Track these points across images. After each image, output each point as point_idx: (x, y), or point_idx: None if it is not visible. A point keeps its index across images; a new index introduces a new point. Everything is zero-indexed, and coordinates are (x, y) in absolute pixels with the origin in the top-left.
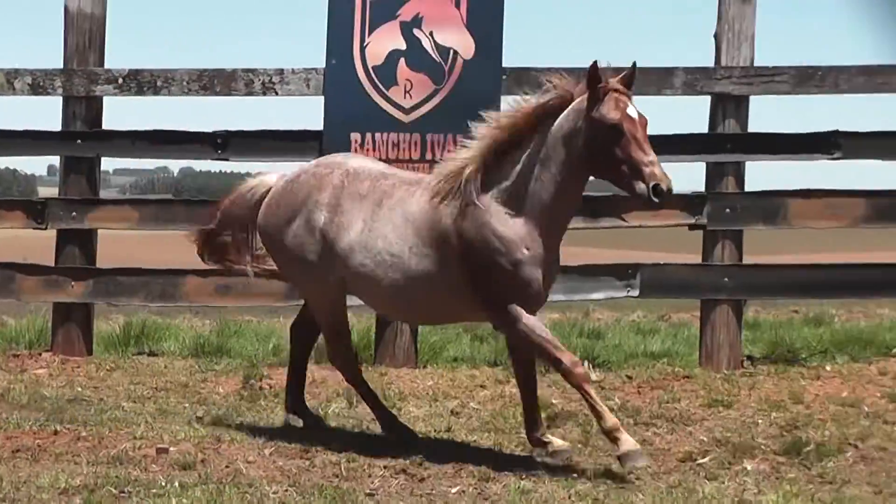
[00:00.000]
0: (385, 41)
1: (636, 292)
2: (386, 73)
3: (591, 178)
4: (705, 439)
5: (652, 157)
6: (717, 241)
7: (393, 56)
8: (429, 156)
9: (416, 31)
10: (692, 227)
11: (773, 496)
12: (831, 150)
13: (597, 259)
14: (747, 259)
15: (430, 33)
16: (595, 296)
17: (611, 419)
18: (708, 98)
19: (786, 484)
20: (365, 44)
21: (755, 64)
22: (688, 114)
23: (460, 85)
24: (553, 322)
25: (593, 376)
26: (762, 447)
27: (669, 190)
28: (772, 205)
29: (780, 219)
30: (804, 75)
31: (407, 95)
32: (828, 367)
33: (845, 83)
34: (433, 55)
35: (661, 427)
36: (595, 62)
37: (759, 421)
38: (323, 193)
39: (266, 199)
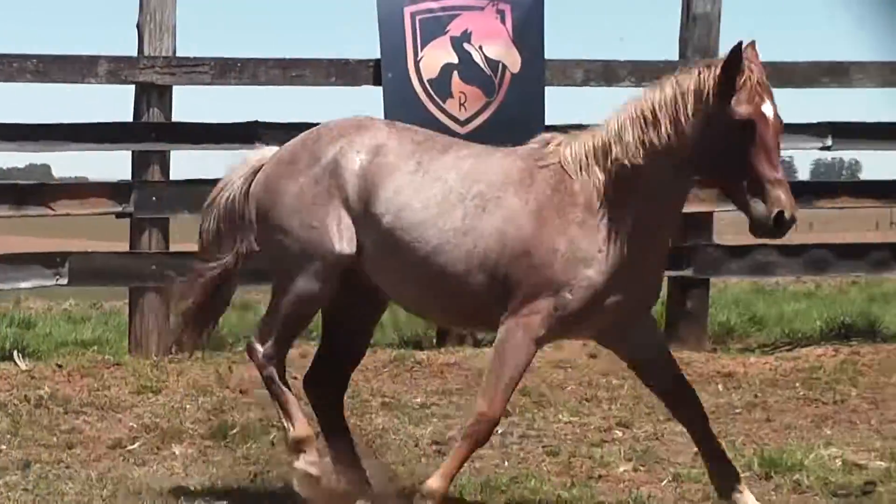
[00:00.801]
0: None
1: (65, 280)
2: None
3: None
4: (135, 425)
5: (781, 174)
6: (145, 230)
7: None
8: None
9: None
10: (119, 215)
11: (199, 478)
12: (253, 140)
13: (24, 247)
14: (176, 247)
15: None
16: (23, 284)
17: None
18: (132, 87)
19: (212, 466)
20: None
21: (178, 54)
22: (113, 102)
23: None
24: None
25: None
26: (190, 431)
27: (793, 220)
28: (199, 192)
29: None
30: (225, 66)
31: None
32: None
33: (263, 75)
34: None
35: (92, 415)
36: (740, 42)
37: (188, 406)
38: (363, 135)
39: (272, 156)
